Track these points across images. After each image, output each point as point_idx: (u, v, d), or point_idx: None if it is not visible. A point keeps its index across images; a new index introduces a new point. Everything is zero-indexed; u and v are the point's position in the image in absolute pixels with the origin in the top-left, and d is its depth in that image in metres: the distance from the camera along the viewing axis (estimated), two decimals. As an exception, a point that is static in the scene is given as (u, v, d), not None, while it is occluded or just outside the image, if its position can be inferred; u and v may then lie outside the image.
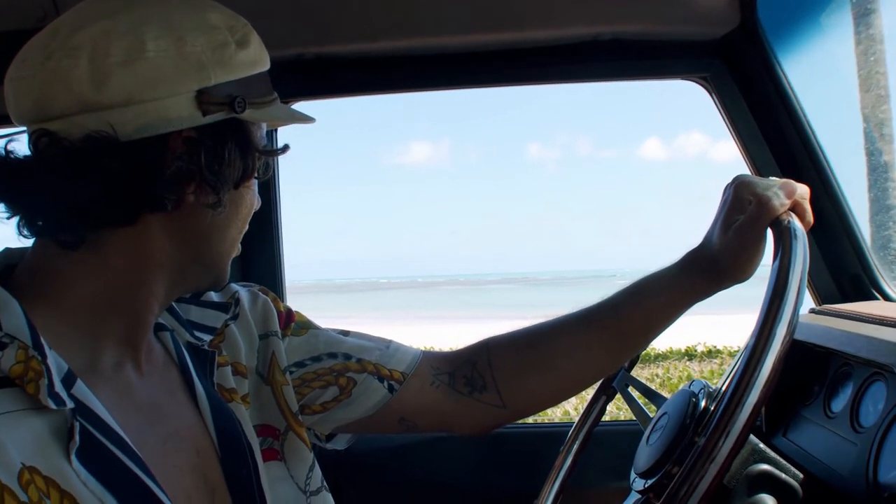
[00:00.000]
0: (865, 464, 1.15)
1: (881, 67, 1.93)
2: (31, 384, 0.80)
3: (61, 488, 0.79)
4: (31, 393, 0.80)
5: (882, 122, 2.01)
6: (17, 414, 0.80)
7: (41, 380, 0.81)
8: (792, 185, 1.07)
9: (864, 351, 1.21)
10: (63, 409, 0.82)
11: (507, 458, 1.94)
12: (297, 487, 1.14)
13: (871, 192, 2.04)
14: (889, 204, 1.98)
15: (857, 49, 2.05)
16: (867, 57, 1.97)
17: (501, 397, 1.21)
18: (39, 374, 0.81)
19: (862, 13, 1.87)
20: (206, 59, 0.86)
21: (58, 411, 0.82)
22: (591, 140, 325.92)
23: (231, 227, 0.97)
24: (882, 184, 2.03)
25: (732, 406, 0.85)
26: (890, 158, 2.02)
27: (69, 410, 0.82)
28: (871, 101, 2.00)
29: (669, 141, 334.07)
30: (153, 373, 1.01)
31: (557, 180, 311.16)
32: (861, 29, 2.00)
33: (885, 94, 1.98)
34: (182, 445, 0.99)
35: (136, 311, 0.94)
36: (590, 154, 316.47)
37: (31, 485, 0.77)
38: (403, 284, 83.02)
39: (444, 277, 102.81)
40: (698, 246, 1.15)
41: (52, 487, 0.79)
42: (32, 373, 0.81)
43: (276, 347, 1.17)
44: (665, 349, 9.01)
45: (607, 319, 1.20)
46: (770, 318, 0.88)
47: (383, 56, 1.80)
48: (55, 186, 0.84)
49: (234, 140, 0.91)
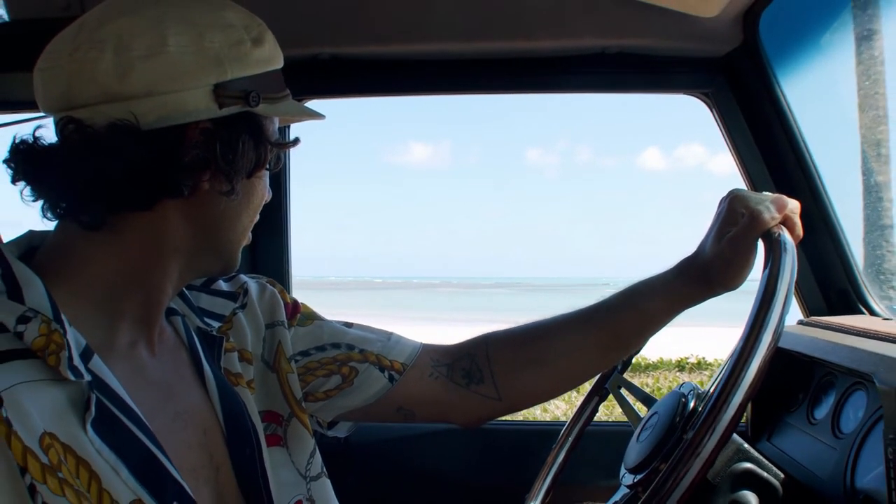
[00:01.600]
0: (844, 468, 1.20)
1: (880, 88, 1.95)
2: (52, 356, 0.83)
3: (78, 455, 0.82)
4: (52, 365, 0.83)
5: (879, 142, 2.03)
6: (39, 384, 0.83)
7: (62, 352, 0.84)
8: (783, 199, 1.10)
9: (847, 360, 1.24)
10: (81, 381, 0.85)
11: (501, 453, 1.96)
12: (298, 473, 1.16)
13: (865, 211, 2.07)
14: (883, 224, 2.01)
15: (857, 69, 2.08)
16: (867, 78, 2.00)
17: (497, 390, 1.24)
18: (60, 346, 0.84)
19: (863, 35, 1.90)
20: (223, 55, 0.90)
21: (76, 383, 0.85)
22: (591, 148, 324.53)
23: (243, 216, 1.01)
24: (877, 203, 2.05)
25: (719, 405, 0.88)
26: (885, 178, 2.05)
27: (86, 383, 0.85)
28: (868, 122, 2.03)
29: (669, 151, 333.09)
30: (164, 354, 1.04)
31: (556, 186, 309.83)
32: (862, 50, 2.02)
33: (883, 114, 2.01)
34: (190, 424, 1.02)
35: (150, 293, 0.97)
36: (590, 161, 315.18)
37: (51, 448, 0.80)
38: (398, 285, 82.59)
39: (439, 279, 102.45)
40: (692, 254, 1.18)
41: (69, 454, 0.82)
42: (54, 345, 0.84)
43: (283, 337, 1.19)
44: (656, 359, 9.02)
45: (603, 320, 1.22)
46: (757, 325, 0.91)
47: (396, 59, 1.83)
48: (80, 170, 0.88)
49: (248, 132, 0.94)
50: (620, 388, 1.42)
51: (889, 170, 1.97)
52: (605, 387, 1.45)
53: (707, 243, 1.15)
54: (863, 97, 2.01)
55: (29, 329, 0.84)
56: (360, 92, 1.94)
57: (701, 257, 1.16)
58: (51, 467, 0.80)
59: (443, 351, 1.28)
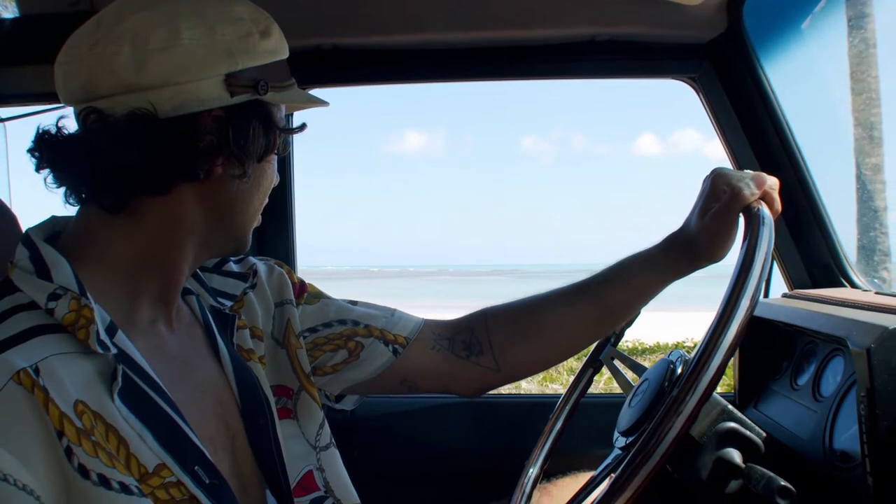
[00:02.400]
0: (823, 429, 1.26)
1: (873, 71, 1.97)
2: (81, 330, 0.87)
3: (107, 422, 0.86)
4: (81, 338, 0.87)
5: (872, 125, 2.06)
6: (70, 356, 0.86)
7: (91, 326, 0.87)
8: (762, 177, 1.14)
9: (825, 327, 1.29)
10: (107, 354, 0.89)
11: (501, 424, 1.99)
12: (308, 444, 1.21)
13: (858, 193, 2.10)
14: (875, 206, 2.03)
15: (849, 53, 2.10)
16: (860, 61, 2.02)
17: (496, 361, 1.28)
18: (90, 321, 0.88)
19: (856, 16, 1.93)
20: (233, 47, 0.93)
21: (102, 356, 0.89)
22: (586, 135, 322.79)
23: (254, 198, 1.04)
24: (870, 186, 2.08)
25: (700, 365, 0.92)
26: (878, 161, 2.08)
27: (113, 356, 0.89)
28: (861, 105, 2.05)
29: (664, 137, 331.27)
30: (182, 330, 1.08)
31: (551, 174, 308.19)
32: (854, 33, 2.04)
33: (877, 97, 2.03)
34: (207, 395, 1.06)
35: (168, 272, 1.01)
36: (585, 148, 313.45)
37: (84, 414, 0.83)
38: (395, 273, 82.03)
39: (436, 268, 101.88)
40: (678, 230, 1.22)
41: (99, 420, 0.85)
42: (83, 320, 0.88)
43: (291, 314, 1.23)
44: (653, 343, 9.02)
45: (594, 294, 1.26)
46: (736, 292, 0.95)
47: (395, 49, 1.85)
48: (101, 157, 0.91)
49: (258, 119, 0.97)
50: (613, 360, 1.45)
51: (882, 152, 2.00)
52: (600, 359, 1.47)
53: (692, 219, 1.19)
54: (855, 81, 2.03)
55: (59, 305, 0.88)
56: (360, 81, 1.96)
57: (686, 232, 1.20)
58: (85, 431, 0.83)
59: (444, 325, 1.32)
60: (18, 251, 0.93)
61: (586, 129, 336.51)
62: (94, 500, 0.83)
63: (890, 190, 2.01)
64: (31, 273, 0.91)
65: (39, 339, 0.86)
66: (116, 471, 0.85)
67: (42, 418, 0.81)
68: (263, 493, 1.10)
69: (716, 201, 1.15)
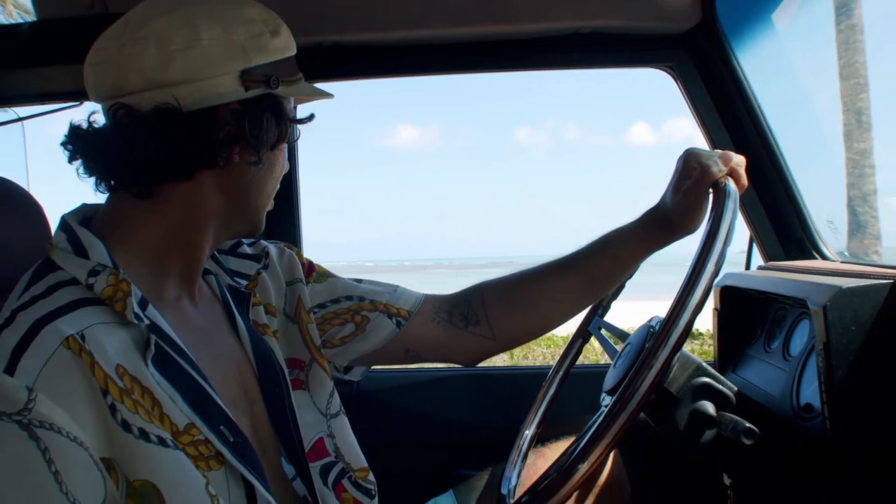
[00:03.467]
0: (791, 385, 1.32)
1: (860, 57, 1.98)
2: (118, 303, 0.93)
3: (143, 385, 0.91)
4: (118, 310, 0.92)
5: (860, 110, 2.08)
6: (109, 325, 0.91)
7: (128, 299, 0.93)
8: (729, 155, 1.21)
9: (792, 292, 1.35)
10: (141, 324, 0.94)
11: (497, 394, 2.05)
12: (319, 412, 1.27)
13: (849, 178, 2.14)
14: (866, 190, 2.08)
15: (837, 38, 2.11)
16: (847, 47, 2.04)
17: (492, 330, 1.35)
18: (127, 294, 0.93)
19: (843, 4, 1.96)
20: (247, 46, 0.98)
21: (136, 326, 0.94)
22: (579, 125, 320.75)
23: (268, 183, 1.09)
24: (859, 170, 2.10)
25: (671, 322, 0.98)
26: (867, 146, 2.10)
27: (145, 326, 0.94)
28: (849, 90, 2.07)
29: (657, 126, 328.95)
30: (203, 306, 1.13)
31: (545, 165, 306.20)
32: (842, 19, 2.06)
33: (864, 82, 2.06)
34: (228, 364, 1.11)
35: (191, 251, 1.06)
36: (578, 139, 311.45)
37: (124, 376, 0.88)
38: (390, 268, 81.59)
39: (431, 261, 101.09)
40: (655, 205, 1.29)
41: (135, 383, 0.90)
42: (121, 293, 0.93)
43: (302, 292, 1.29)
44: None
45: (580, 267, 1.33)
46: (703, 256, 1.01)
47: (392, 45, 1.88)
48: (130, 148, 0.96)
49: (270, 110, 1.02)
50: (601, 330, 1.51)
51: (871, 137, 1.95)
52: (588, 329, 1.54)
53: (667, 195, 1.26)
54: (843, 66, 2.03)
55: (98, 281, 0.93)
56: (360, 75, 1.99)
57: (662, 207, 1.27)
58: (126, 391, 0.88)
59: (443, 299, 1.38)
60: (56, 234, 0.99)
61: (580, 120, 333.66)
62: (135, 451, 0.87)
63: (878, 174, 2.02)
64: (69, 253, 0.96)
65: (82, 310, 0.90)
66: (154, 426, 0.89)
67: (88, 379, 0.86)
68: (279, 457, 1.14)
69: (688, 178, 1.21)
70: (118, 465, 0.88)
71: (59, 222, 1.01)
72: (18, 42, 1.72)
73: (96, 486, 0.85)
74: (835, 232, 1.72)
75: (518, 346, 1.41)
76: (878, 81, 1.96)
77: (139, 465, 0.88)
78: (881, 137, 1.96)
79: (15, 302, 0.91)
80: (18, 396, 0.81)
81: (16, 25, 1.76)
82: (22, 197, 1.25)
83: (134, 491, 0.88)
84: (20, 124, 1.98)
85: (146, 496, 0.88)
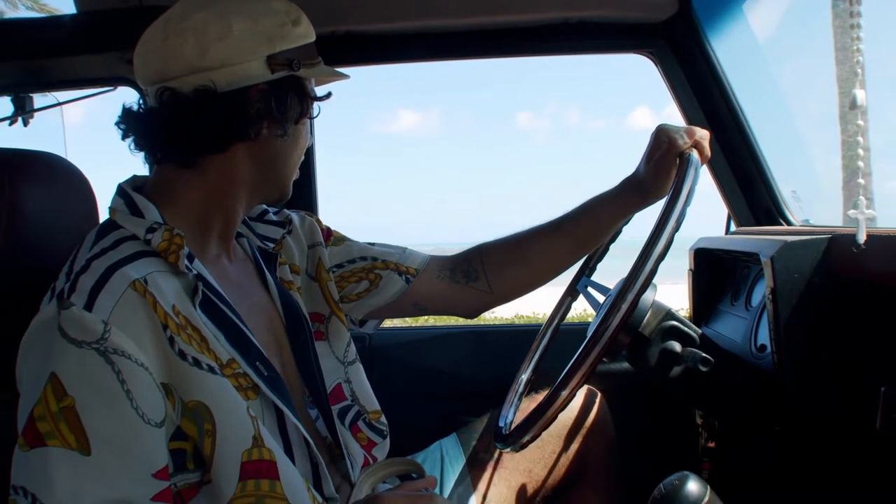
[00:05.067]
0: (750, 331, 1.46)
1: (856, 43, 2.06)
2: (172, 255, 1.01)
3: (192, 324, 0.99)
4: (171, 261, 1.01)
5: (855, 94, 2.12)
6: (164, 273, 1.00)
7: (181, 251, 1.01)
8: (693, 129, 1.30)
9: (749, 248, 1.46)
10: (190, 274, 1.02)
11: (494, 349, 2.14)
12: (337, 360, 1.35)
13: (844, 160, 2.20)
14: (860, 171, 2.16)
15: (833, 23, 2.14)
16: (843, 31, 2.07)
17: (490, 285, 1.45)
18: (180, 247, 1.01)
19: None
20: (272, 34, 1.07)
21: (186, 275, 1.02)
22: (580, 110, 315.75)
23: (293, 153, 1.17)
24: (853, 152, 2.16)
25: (638, 267, 1.09)
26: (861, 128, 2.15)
27: (193, 276, 1.03)
28: (845, 74, 2.09)
29: (659, 110, 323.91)
30: (238, 263, 1.22)
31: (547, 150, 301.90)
32: (838, 3, 2.10)
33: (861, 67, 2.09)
34: (260, 313, 1.20)
35: (227, 215, 1.14)
36: (579, 124, 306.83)
37: (179, 315, 0.98)
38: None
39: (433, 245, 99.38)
40: (631, 174, 1.38)
41: (188, 322, 0.99)
42: (174, 246, 1.02)
43: (322, 254, 1.38)
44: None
45: (567, 228, 1.42)
46: (667, 213, 1.11)
47: (399, 33, 1.97)
48: (175, 124, 1.05)
49: (293, 90, 1.11)
50: (588, 288, 1.58)
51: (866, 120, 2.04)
52: (577, 288, 1.62)
53: (641, 165, 1.35)
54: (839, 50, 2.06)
55: (155, 236, 1.02)
56: (370, 61, 2.06)
57: (637, 175, 1.36)
58: (182, 326, 0.97)
59: (446, 259, 1.48)
60: (115, 200, 1.08)
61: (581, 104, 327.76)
62: (190, 377, 0.97)
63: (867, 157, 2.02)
64: (128, 214, 1.05)
65: (143, 259, 0.99)
66: (204, 356, 0.98)
67: (151, 315, 0.95)
68: (304, 399, 1.23)
69: (658, 150, 1.30)
70: (175, 390, 0.96)
71: (117, 190, 1.10)
72: (61, 33, 1.81)
73: (158, 404, 0.94)
74: (797, 201, 1.81)
75: (513, 300, 1.53)
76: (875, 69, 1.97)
77: (193, 388, 0.97)
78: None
79: (88, 253, 0.99)
80: (96, 328, 0.91)
81: (58, 18, 1.88)
82: (72, 171, 1.34)
83: (188, 410, 0.97)
84: (58, 109, 2.05)
85: (199, 415, 0.97)
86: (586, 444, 1.59)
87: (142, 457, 0.93)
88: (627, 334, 1.33)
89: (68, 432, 0.89)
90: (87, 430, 0.90)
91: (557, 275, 1.50)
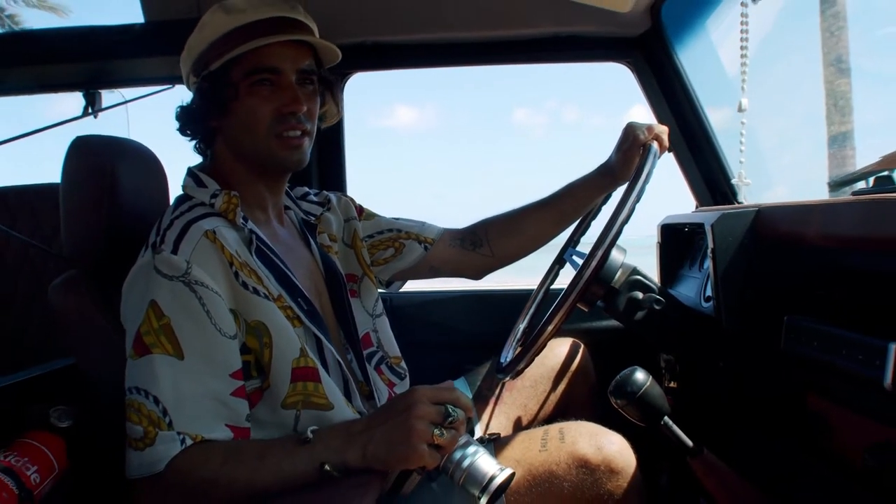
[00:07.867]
0: (701, 286, 1.67)
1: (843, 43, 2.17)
2: (231, 212, 1.19)
3: (249, 266, 1.15)
4: (231, 219, 1.18)
5: (840, 94, 2.23)
6: (227, 227, 1.17)
7: (237, 209, 1.19)
8: (654, 125, 1.49)
9: (699, 220, 1.64)
10: (245, 228, 1.19)
11: (495, 309, 2.28)
12: (367, 312, 1.51)
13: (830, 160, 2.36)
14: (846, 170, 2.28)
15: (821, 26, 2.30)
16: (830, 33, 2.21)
17: (492, 251, 1.66)
18: (236, 205, 1.19)
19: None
20: (192, 44, 1.30)
21: (242, 230, 1.18)
22: (578, 107, 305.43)
23: (248, 124, 1.25)
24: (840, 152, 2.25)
25: (606, 231, 1.24)
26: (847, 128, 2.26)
27: (248, 230, 1.19)
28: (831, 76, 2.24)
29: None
30: (286, 228, 1.37)
31: (544, 146, 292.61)
32: (825, 7, 2.25)
33: (847, 68, 2.21)
34: (303, 266, 1.33)
35: (257, 185, 1.31)
36: (577, 120, 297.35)
37: (240, 256, 1.14)
38: (389, 247, 77.25)
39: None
40: (605, 161, 1.58)
41: (246, 264, 1.15)
42: (233, 206, 1.19)
43: (356, 226, 1.58)
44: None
45: (554, 204, 1.62)
46: (629, 192, 1.26)
47: (418, 43, 2.13)
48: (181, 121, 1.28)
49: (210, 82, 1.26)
50: (573, 257, 1.71)
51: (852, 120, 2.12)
52: (564, 257, 1.76)
53: (613, 154, 1.56)
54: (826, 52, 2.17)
55: (217, 200, 1.20)
56: (393, 66, 2.21)
57: (609, 162, 1.58)
58: (243, 263, 1.14)
59: (457, 231, 1.69)
60: (186, 179, 1.28)
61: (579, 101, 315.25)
62: (251, 302, 1.12)
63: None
64: (196, 187, 1.24)
65: (211, 217, 1.17)
66: (260, 287, 1.14)
67: (220, 256, 1.11)
68: (341, 341, 1.36)
69: (626, 142, 1.50)
70: (240, 314, 1.12)
71: (187, 172, 1.29)
72: (130, 38, 1.97)
73: (231, 322, 1.10)
74: (747, 186, 1.97)
75: (511, 263, 1.68)
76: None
77: (253, 310, 1.13)
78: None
79: (171, 215, 1.17)
80: (181, 266, 1.07)
81: (128, 26, 2.00)
82: (150, 156, 1.48)
83: (251, 328, 1.12)
84: (124, 107, 2.23)
85: (259, 331, 1.12)
86: (572, 386, 1.77)
87: (221, 360, 1.08)
88: (602, 287, 1.51)
89: (167, 342, 1.05)
90: (181, 340, 1.05)
91: (546, 242, 1.68)
